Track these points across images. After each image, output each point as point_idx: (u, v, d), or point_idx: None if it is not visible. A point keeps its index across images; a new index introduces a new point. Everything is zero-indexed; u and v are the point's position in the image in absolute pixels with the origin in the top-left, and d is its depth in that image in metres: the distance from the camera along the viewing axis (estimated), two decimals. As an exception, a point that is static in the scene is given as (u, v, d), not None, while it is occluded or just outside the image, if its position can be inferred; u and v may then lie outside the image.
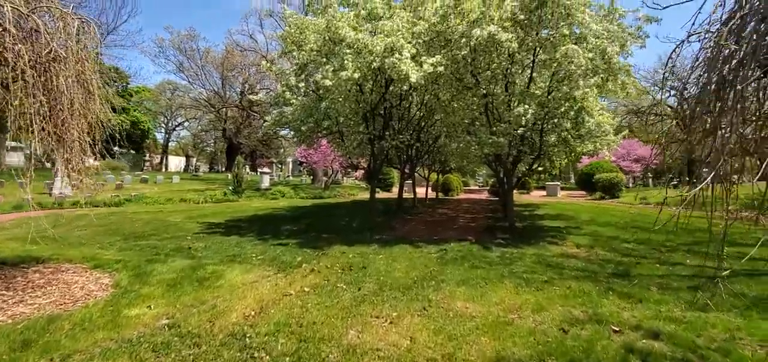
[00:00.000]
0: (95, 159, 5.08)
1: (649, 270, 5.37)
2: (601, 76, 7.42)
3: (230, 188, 20.11)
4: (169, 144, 62.73)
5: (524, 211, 13.95)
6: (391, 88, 9.48)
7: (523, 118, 7.41)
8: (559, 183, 28.51)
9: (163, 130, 61.17)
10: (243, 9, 76.07)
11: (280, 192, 21.41)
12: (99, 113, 4.93)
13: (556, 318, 3.52)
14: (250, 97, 9.21)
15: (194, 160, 51.76)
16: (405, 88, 8.37)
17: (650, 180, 34.25)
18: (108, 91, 5.14)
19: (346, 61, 7.36)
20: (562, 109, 7.50)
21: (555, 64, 7.83)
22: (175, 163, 58.01)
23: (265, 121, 10.18)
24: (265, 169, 24.84)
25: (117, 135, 5.10)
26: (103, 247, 7.03)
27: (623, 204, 18.46)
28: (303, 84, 8.52)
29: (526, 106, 7.39)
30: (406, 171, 14.70)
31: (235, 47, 35.98)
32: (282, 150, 58.73)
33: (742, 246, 7.17)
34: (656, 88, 35.53)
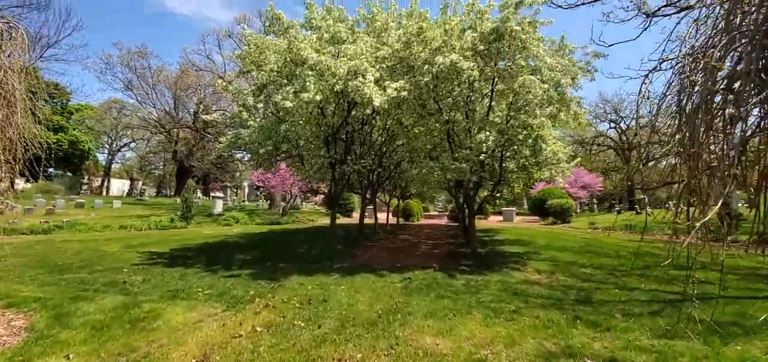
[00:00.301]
0: (26, 180, 4.39)
1: (609, 296, 5.44)
2: (556, 106, 7.74)
3: (178, 214, 18.71)
4: (113, 166, 58.25)
5: (484, 237, 14.12)
6: (353, 112, 9.32)
7: (485, 144, 7.51)
8: (514, 208, 29.57)
9: (105, 151, 56.83)
10: (201, 29, 73.95)
11: (233, 218, 20.26)
12: (23, 129, 4.31)
13: (529, 353, 3.36)
14: (204, 117, 8.63)
15: (139, 183, 48.21)
16: (368, 112, 8.23)
17: (595, 205, 36.57)
18: (36, 104, 4.52)
19: (307, 83, 7.10)
20: (520, 137, 7.70)
21: (512, 94, 8.09)
22: (118, 186, 53.81)
23: (219, 142, 9.56)
24: (218, 194, 23.51)
25: (44, 154, 4.44)
26: (23, 282, 6.06)
27: (574, 229, 19.37)
28: (262, 105, 8.11)
29: (487, 133, 7.50)
30: (368, 196, 14.46)
31: (190, 66, 34.49)
32: (238, 173, 56.45)
33: (687, 269, 7.59)
34: (598, 120, 38.57)
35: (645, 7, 9.74)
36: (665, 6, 10.29)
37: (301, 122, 8.52)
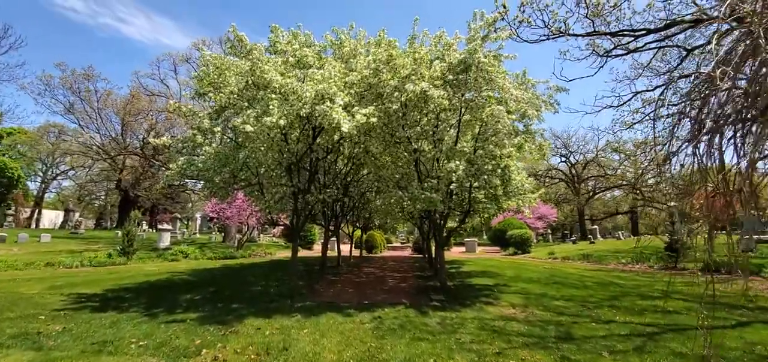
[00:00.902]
0: None
1: (588, 331, 5.24)
2: (522, 137, 7.81)
3: (118, 248, 16.85)
4: (46, 196, 52.79)
5: (451, 268, 13.87)
6: (319, 140, 8.89)
7: (454, 173, 7.34)
8: (476, 239, 29.91)
9: (39, 180, 51.57)
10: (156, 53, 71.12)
11: (182, 252, 18.62)
12: None
13: (525, 406, 2.97)
14: (153, 140, 7.80)
15: (76, 215, 43.75)
16: (336, 137, 7.83)
17: (550, 235, 38.03)
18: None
19: (271, 106, 6.62)
20: (489, 167, 7.64)
21: (480, 124, 8.08)
22: (51, 218, 48.68)
23: (169, 169, 8.67)
24: (165, 226, 21.66)
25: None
26: None
27: (535, 259, 19.72)
28: (219, 129, 7.46)
29: (457, 163, 7.35)
30: (331, 228, 13.82)
31: (141, 91, 32.53)
32: (190, 204, 53.16)
33: (652, 298, 7.70)
34: (550, 153, 40.77)
35: (598, 49, 10.39)
36: (614, 48, 11.07)
37: (262, 149, 7.93)
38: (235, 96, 7.16)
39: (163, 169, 31.88)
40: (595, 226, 33.08)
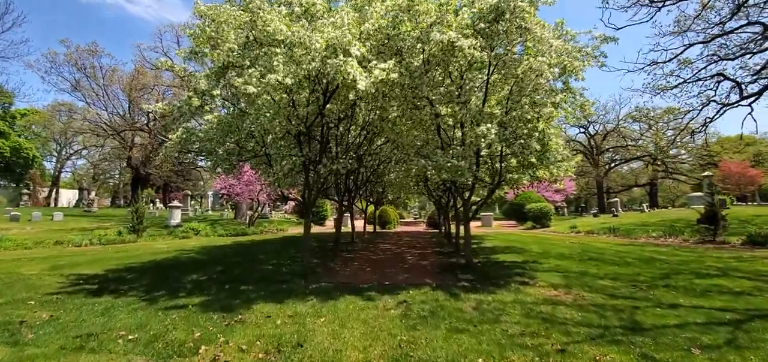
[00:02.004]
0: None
1: (656, 318, 4.40)
2: (563, 95, 6.79)
3: (128, 226, 16.49)
4: (62, 175, 53.39)
5: (473, 244, 13.10)
6: (330, 105, 8.00)
7: (484, 139, 6.40)
8: (491, 214, 29.01)
9: (54, 159, 52.08)
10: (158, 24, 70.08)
11: (193, 229, 18.22)
12: None
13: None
14: (145, 106, 7.06)
15: (91, 193, 44.09)
16: (351, 97, 6.93)
17: (565, 209, 36.90)
18: None
19: (275, 63, 5.73)
20: (525, 130, 6.67)
21: (513, 81, 7.07)
22: (69, 197, 49.29)
23: (168, 139, 7.93)
24: (176, 203, 21.28)
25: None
26: None
27: (557, 233, 18.83)
28: (218, 92, 6.62)
29: (489, 125, 6.41)
30: (344, 203, 13.09)
31: (145, 65, 31.75)
32: (202, 182, 53.23)
33: (709, 276, 6.80)
34: (567, 124, 39.14)
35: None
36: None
37: (268, 115, 7.09)
38: (236, 53, 6.27)
39: (196, 153, 31.41)
40: (616, 199, 31.80)
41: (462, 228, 12.25)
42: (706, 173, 17.74)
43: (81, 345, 3.65)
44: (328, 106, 7.69)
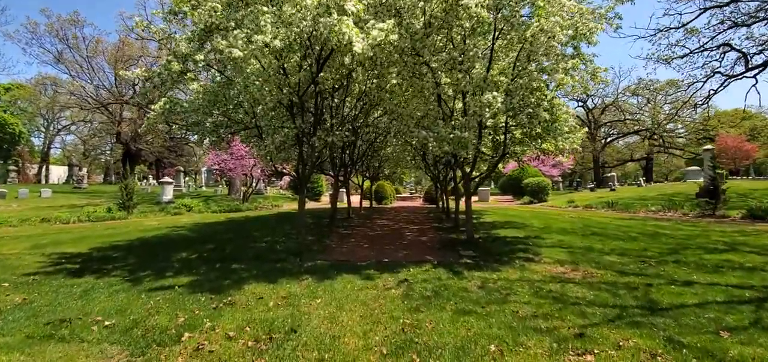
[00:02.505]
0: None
1: (673, 297, 4.14)
2: (575, 60, 6.34)
3: (118, 203, 16.04)
4: (52, 151, 52.26)
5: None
6: (323, 74, 7.49)
7: (489, 109, 5.99)
8: (488, 188, 28.82)
9: (42, 135, 50.83)
10: None
11: (185, 205, 17.80)
12: None
13: None
14: (122, 72, 6.55)
15: (82, 170, 43.26)
16: (346, 61, 6.42)
17: (560, 184, 36.86)
18: None
19: (262, 23, 5.21)
20: (532, 99, 6.25)
21: (521, 45, 6.59)
22: (59, 173, 48.38)
23: (150, 110, 7.42)
24: (167, 179, 20.76)
25: None
26: None
27: (555, 208, 18.67)
28: (201, 57, 6.08)
29: (495, 94, 5.98)
30: (341, 178, 12.71)
31: (130, 36, 30.47)
32: (195, 157, 52.37)
33: (718, 251, 6.57)
34: (566, 98, 38.67)
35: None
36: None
37: (257, 83, 6.59)
38: (219, 13, 5.71)
39: (180, 125, 30.54)
40: (613, 173, 31.68)
41: (461, 203, 12.00)
42: (706, 147, 17.52)
43: (51, 333, 3.31)
44: (321, 74, 7.19)
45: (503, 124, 6.95)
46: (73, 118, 45.92)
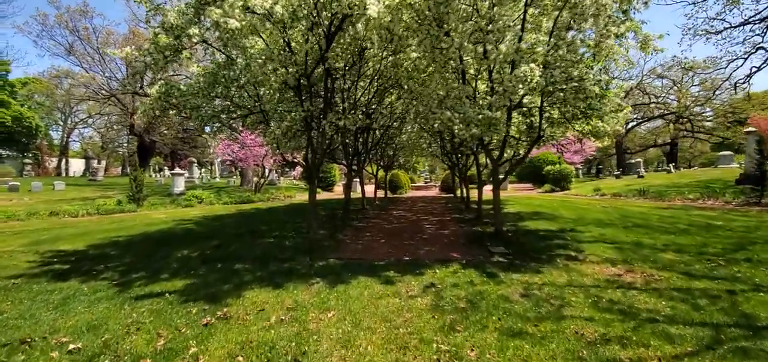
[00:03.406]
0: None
1: (765, 307, 3.30)
2: (627, 24, 5.38)
3: (128, 195, 15.72)
4: (72, 145, 53.13)
5: (492, 209, 12.01)
6: (332, 51, 6.71)
7: (524, 83, 5.12)
8: (507, 177, 27.72)
9: (59, 128, 51.60)
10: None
11: (196, 197, 17.42)
12: None
13: None
14: (109, 51, 6.01)
15: (101, 162, 43.69)
16: (359, 29, 5.62)
17: (580, 171, 35.37)
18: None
19: (262, -13, 4.46)
20: (575, 72, 5.33)
21: (558, 13, 5.65)
22: (79, 166, 49.17)
23: (146, 96, 6.79)
24: (179, 170, 20.44)
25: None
26: None
27: (580, 196, 17.60)
28: (196, 31, 5.38)
29: (532, 66, 5.12)
30: (354, 167, 12.00)
31: (139, 26, 30.16)
32: (210, 149, 52.49)
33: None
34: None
35: None
36: None
37: (260, 60, 5.87)
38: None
39: (178, 113, 30.34)
40: (640, 159, 30.12)
41: (484, 192, 11.16)
42: (749, 129, 16.11)
43: (6, 356, 2.69)
44: (331, 50, 6.42)
45: (538, 103, 6.07)
46: (90, 110, 46.31)
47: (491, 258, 5.54)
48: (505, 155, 7.81)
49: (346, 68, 7.74)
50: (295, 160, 10.83)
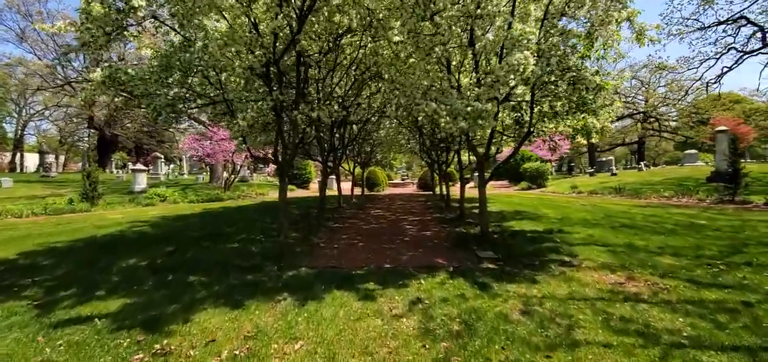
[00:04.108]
0: None
1: (802, 327, 2.94)
2: (628, 10, 5.00)
3: (81, 194, 14.36)
4: (26, 138, 49.28)
5: (473, 208, 11.64)
6: (305, 40, 6.03)
7: (520, 71, 4.65)
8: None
9: (14, 121, 47.78)
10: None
11: (159, 195, 16.21)
12: None
13: None
14: (40, 27, 5.12)
15: (57, 157, 40.71)
16: (335, 4, 4.97)
17: (553, 169, 35.96)
18: None
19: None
20: (571, 62, 4.91)
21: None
22: (36, 161, 45.68)
23: (88, 80, 5.88)
24: (140, 166, 19.05)
25: None
26: None
27: (557, 194, 17.60)
28: (143, 3, 4.56)
29: (526, 53, 4.64)
30: (330, 163, 11.32)
31: (100, 12, 27.98)
32: (179, 143, 50.05)
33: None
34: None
35: None
36: None
37: (220, 41, 5.12)
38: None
39: (127, 98, 28.48)
40: (611, 157, 30.82)
41: (467, 190, 10.76)
42: (721, 128, 16.54)
43: None
44: (304, 36, 5.74)
45: (528, 97, 5.62)
46: (46, 102, 43.09)
47: (480, 264, 5.05)
48: (490, 152, 7.36)
49: (322, 55, 7.06)
50: (262, 156, 9.99)
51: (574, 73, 4.69)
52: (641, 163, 33.60)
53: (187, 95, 6.00)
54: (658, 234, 6.62)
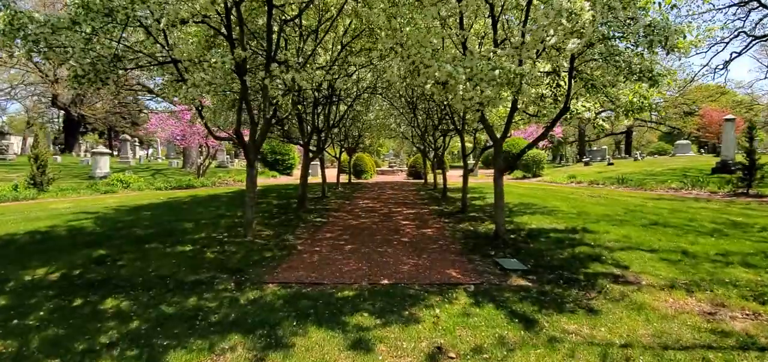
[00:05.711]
0: None
1: None
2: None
3: (27, 179, 12.58)
4: (-2, 121, 45.82)
5: (475, 200, 10.48)
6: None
7: (574, 19, 3.38)
8: (473, 162, 26.64)
9: (-24, 101, 44.31)
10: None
11: (122, 182, 14.50)
12: None
13: None
14: None
15: (24, 140, 37.68)
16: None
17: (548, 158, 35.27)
18: None
19: None
20: (630, 10, 3.66)
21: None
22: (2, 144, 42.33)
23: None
24: (102, 149, 17.19)
25: None
26: None
27: (556, 184, 16.63)
28: None
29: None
30: (313, 147, 9.93)
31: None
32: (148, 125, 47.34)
33: None
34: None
35: None
36: None
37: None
38: None
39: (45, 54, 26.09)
40: (604, 146, 30.25)
41: (440, 176, 9.58)
42: (728, 117, 15.72)
43: None
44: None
45: (566, 64, 4.38)
46: (11, 80, 39.89)
47: (507, 279, 3.83)
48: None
49: (301, 12, 5.62)
50: (223, 136, 8.38)
51: (648, 23, 3.44)
52: (637, 152, 33.18)
53: (118, 51, 4.52)
54: (703, 235, 5.54)
